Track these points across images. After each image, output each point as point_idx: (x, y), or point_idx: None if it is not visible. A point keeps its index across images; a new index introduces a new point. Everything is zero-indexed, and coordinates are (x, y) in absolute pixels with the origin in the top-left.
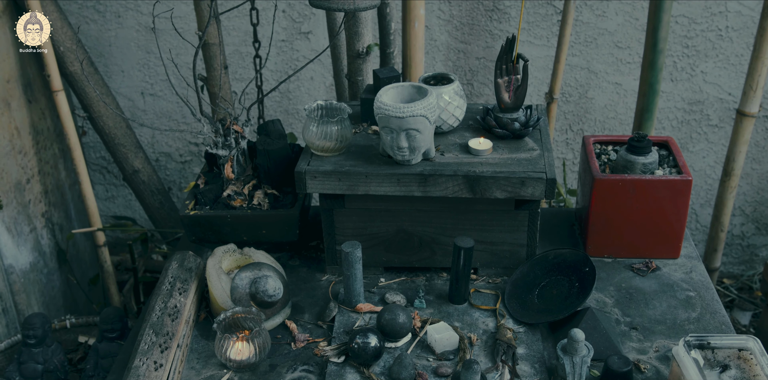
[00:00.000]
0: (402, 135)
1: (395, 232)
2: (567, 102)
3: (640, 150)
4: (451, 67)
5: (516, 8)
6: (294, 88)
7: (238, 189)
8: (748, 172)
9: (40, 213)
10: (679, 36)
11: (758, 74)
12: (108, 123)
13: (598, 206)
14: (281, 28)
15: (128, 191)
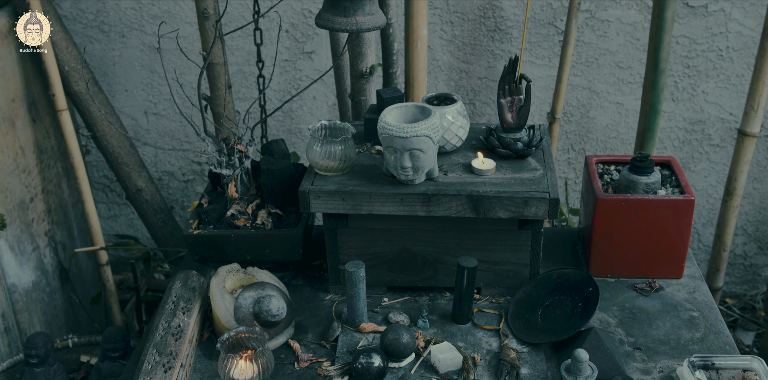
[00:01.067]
0: (405, 155)
1: (399, 252)
2: (569, 121)
3: (642, 170)
4: (453, 87)
5: (518, 29)
6: (297, 108)
7: (242, 208)
8: (750, 192)
9: (43, 231)
10: (680, 56)
11: (759, 94)
12: (112, 142)
13: (601, 226)
14: (285, 47)
15: (131, 210)
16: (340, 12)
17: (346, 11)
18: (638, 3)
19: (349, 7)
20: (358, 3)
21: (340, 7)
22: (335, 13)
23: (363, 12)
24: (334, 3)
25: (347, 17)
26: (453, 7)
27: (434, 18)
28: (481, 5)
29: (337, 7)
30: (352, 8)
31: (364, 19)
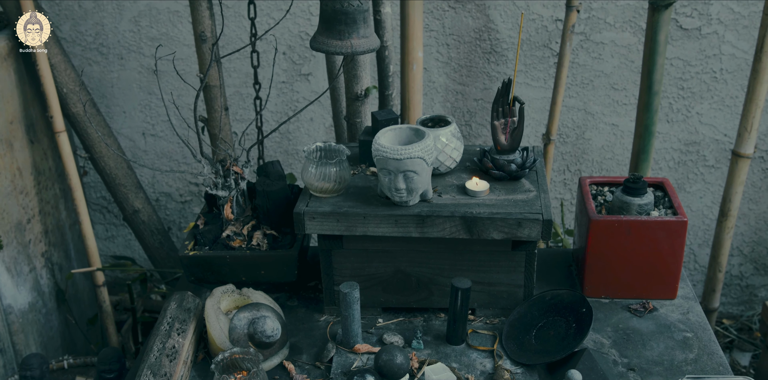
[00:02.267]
0: (400, 176)
1: (393, 273)
2: (564, 143)
3: (635, 191)
4: (449, 109)
5: (513, 51)
6: (294, 129)
7: (238, 229)
8: (745, 213)
9: (40, 253)
10: (675, 78)
11: (752, 116)
12: (109, 163)
13: (595, 247)
14: (282, 69)
15: (128, 231)
16: (334, 35)
17: (340, 34)
18: (632, 25)
19: (343, 31)
20: (353, 26)
21: (334, 30)
22: (330, 36)
23: (358, 35)
24: (328, 26)
25: (342, 40)
26: (449, 30)
27: (430, 40)
28: (477, 28)
29: (331, 30)
30: (346, 31)
31: (359, 42)
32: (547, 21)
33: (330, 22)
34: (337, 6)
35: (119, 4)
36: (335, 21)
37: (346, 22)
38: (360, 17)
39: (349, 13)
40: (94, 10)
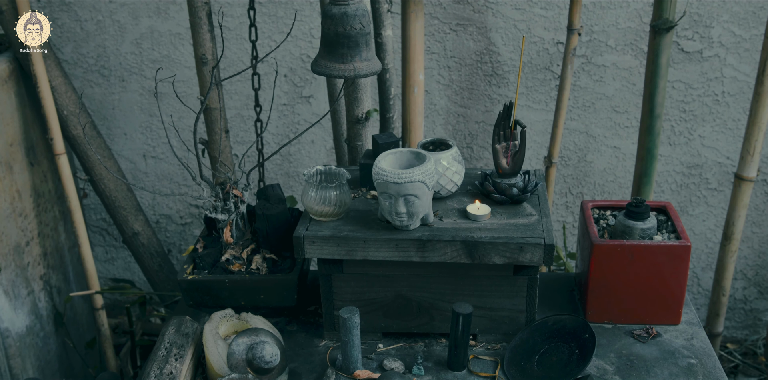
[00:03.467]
0: (400, 200)
1: (393, 298)
2: (566, 165)
3: (638, 215)
4: (450, 131)
5: (515, 73)
6: (295, 151)
7: (237, 253)
8: (749, 236)
9: (38, 275)
10: (676, 101)
11: (755, 139)
12: (109, 185)
13: (597, 271)
14: (283, 92)
15: (128, 253)
16: (336, 58)
17: (343, 58)
18: (633, 48)
19: (346, 54)
20: (355, 49)
21: (336, 53)
22: (332, 59)
23: (360, 58)
24: (330, 49)
25: (344, 63)
26: (450, 52)
27: (431, 63)
28: (478, 50)
29: (333, 53)
30: (349, 55)
31: (361, 65)
32: (549, 44)
33: (332, 46)
34: (339, 29)
35: (121, 27)
36: (337, 44)
37: (348, 45)
38: (362, 40)
39: (351, 37)
40: (96, 32)
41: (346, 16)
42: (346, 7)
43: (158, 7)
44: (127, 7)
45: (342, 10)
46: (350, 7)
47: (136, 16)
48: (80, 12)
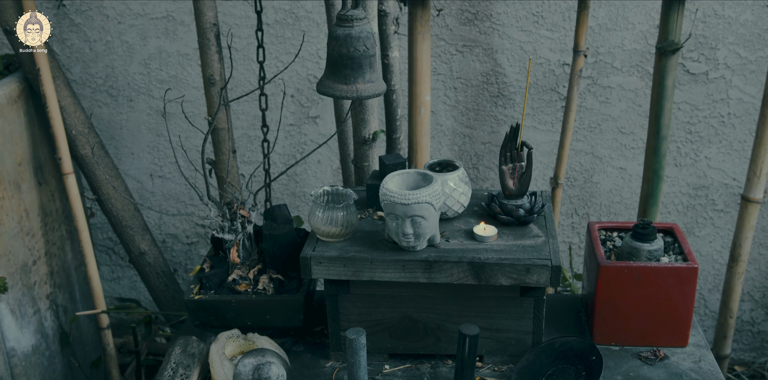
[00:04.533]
0: (407, 221)
1: (400, 319)
2: (572, 186)
3: (645, 237)
4: (456, 152)
5: (521, 94)
6: (302, 171)
7: (244, 273)
8: (756, 257)
9: (44, 294)
10: (682, 122)
11: (761, 161)
12: (116, 205)
13: (604, 293)
14: (290, 112)
15: (134, 272)
16: (340, 79)
17: (346, 79)
18: (639, 70)
19: (349, 75)
20: (359, 71)
21: (340, 74)
22: (336, 80)
23: (363, 80)
24: (335, 70)
25: (348, 84)
26: (456, 74)
27: (438, 84)
28: (484, 71)
29: (338, 74)
30: (352, 76)
31: (365, 87)
32: (555, 65)
33: (336, 67)
34: (343, 51)
35: (130, 47)
36: (341, 65)
37: (352, 66)
38: (366, 62)
39: (355, 58)
40: (104, 52)
41: (350, 37)
42: (350, 28)
43: (167, 28)
44: (136, 28)
45: (347, 31)
46: (355, 29)
47: (145, 36)
48: (89, 33)
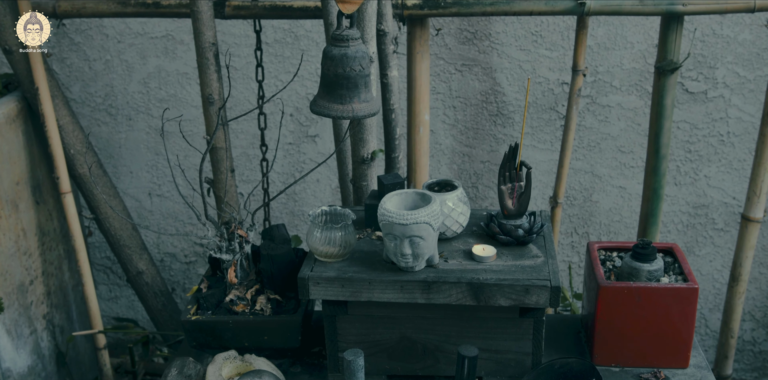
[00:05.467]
0: (405, 242)
1: (398, 340)
2: (572, 205)
3: (644, 257)
4: (456, 171)
5: (520, 113)
6: (300, 190)
7: (241, 294)
8: (756, 277)
9: (41, 314)
10: (682, 141)
11: (761, 180)
12: (114, 224)
13: (604, 314)
14: (289, 131)
15: (132, 291)
16: (336, 99)
17: (342, 98)
18: (638, 89)
19: (344, 95)
20: (354, 91)
21: (335, 94)
22: (331, 100)
23: (359, 99)
24: (329, 90)
25: (343, 104)
26: (455, 92)
27: (437, 103)
28: (483, 90)
29: (332, 94)
30: (347, 96)
31: (360, 107)
32: (554, 84)
33: (331, 86)
34: (338, 70)
35: (129, 66)
36: (336, 85)
37: (347, 86)
38: (361, 82)
39: (350, 78)
40: (104, 71)
41: (345, 57)
42: (346, 48)
43: (166, 47)
44: (136, 47)
45: (342, 51)
46: (350, 49)
47: (144, 55)
48: (89, 52)
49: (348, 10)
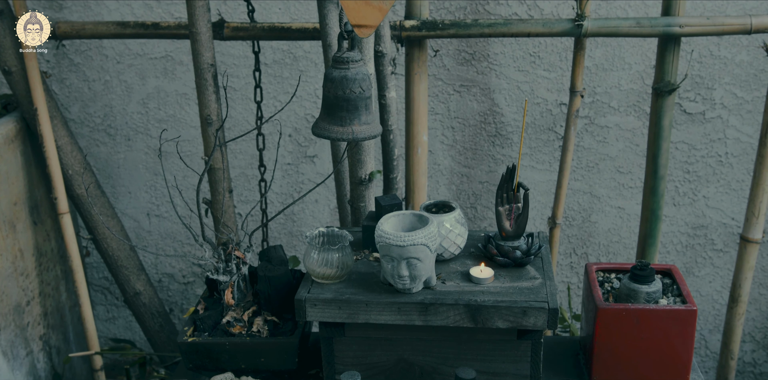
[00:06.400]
0: (403, 263)
1: (396, 362)
2: (570, 226)
3: (643, 278)
4: (454, 191)
5: (518, 134)
6: (299, 211)
7: (238, 315)
8: (756, 298)
9: (38, 335)
10: (680, 161)
11: (759, 201)
12: (112, 245)
13: (603, 335)
14: (287, 151)
15: (129, 312)
16: (336, 121)
17: (342, 121)
18: (636, 109)
19: (345, 117)
20: (355, 113)
21: (336, 116)
22: (332, 122)
23: (359, 122)
24: (330, 112)
25: (343, 126)
26: (454, 113)
27: (435, 123)
28: (482, 111)
29: (333, 116)
30: (348, 118)
31: (360, 129)
32: (552, 105)
33: (332, 108)
34: (339, 92)
35: (128, 87)
36: (337, 107)
37: (347, 108)
38: (362, 104)
39: (351, 100)
40: (103, 92)
41: (346, 79)
42: (346, 70)
43: (165, 67)
44: (135, 67)
45: (342, 73)
46: (350, 71)
47: (143, 76)
48: (88, 72)
49: (364, 34)
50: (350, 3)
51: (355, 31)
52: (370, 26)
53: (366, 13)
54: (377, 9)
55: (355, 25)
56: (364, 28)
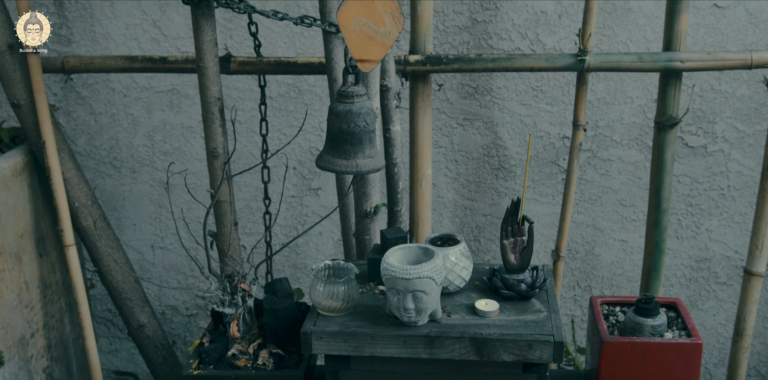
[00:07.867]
0: (408, 296)
1: None
2: (574, 259)
3: (647, 312)
4: (457, 224)
5: (521, 167)
6: (303, 243)
7: (243, 348)
8: (761, 331)
9: (41, 368)
10: (683, 194)
11: (762, 234)
12: (117, 277)
13: (608, 369)
14: (292, 184)
15: (133, 344)
16: (340, 154)
17: (346, 154)
18: (638, 143)
19: (349, 150)
20: (359, 146)
21: (340, 149)
22: (336, 155)
23: (363, 155)
24: (334, 145)
25: (347, 160)
26: (457, 146)
27: (439, 156)
28: (485, 144)
29: (337, 149)
30: (352, 151)
31: (364, 162)
32: (555, 138)
33: (336, 142)
34: (343, 126)
35: (134, 120)
36: (341, 140)
37: (351, 142)
38: (366, 137)
39: (355, 134)
40: (109, 125)
41: (350, 113)
42: (351, 104)
43: (171, 101)
44: (141, 100)
45: (347, 107)
46: (355, 105)
47: (150, 109)
48: (95, 105)
49: (367, 69)
50: (354, 38)
51: (358, 65)
52: (373, 61)
53: (369, 48)
54: (380, 44)
55: (358, 59)
56: (367, 62)
